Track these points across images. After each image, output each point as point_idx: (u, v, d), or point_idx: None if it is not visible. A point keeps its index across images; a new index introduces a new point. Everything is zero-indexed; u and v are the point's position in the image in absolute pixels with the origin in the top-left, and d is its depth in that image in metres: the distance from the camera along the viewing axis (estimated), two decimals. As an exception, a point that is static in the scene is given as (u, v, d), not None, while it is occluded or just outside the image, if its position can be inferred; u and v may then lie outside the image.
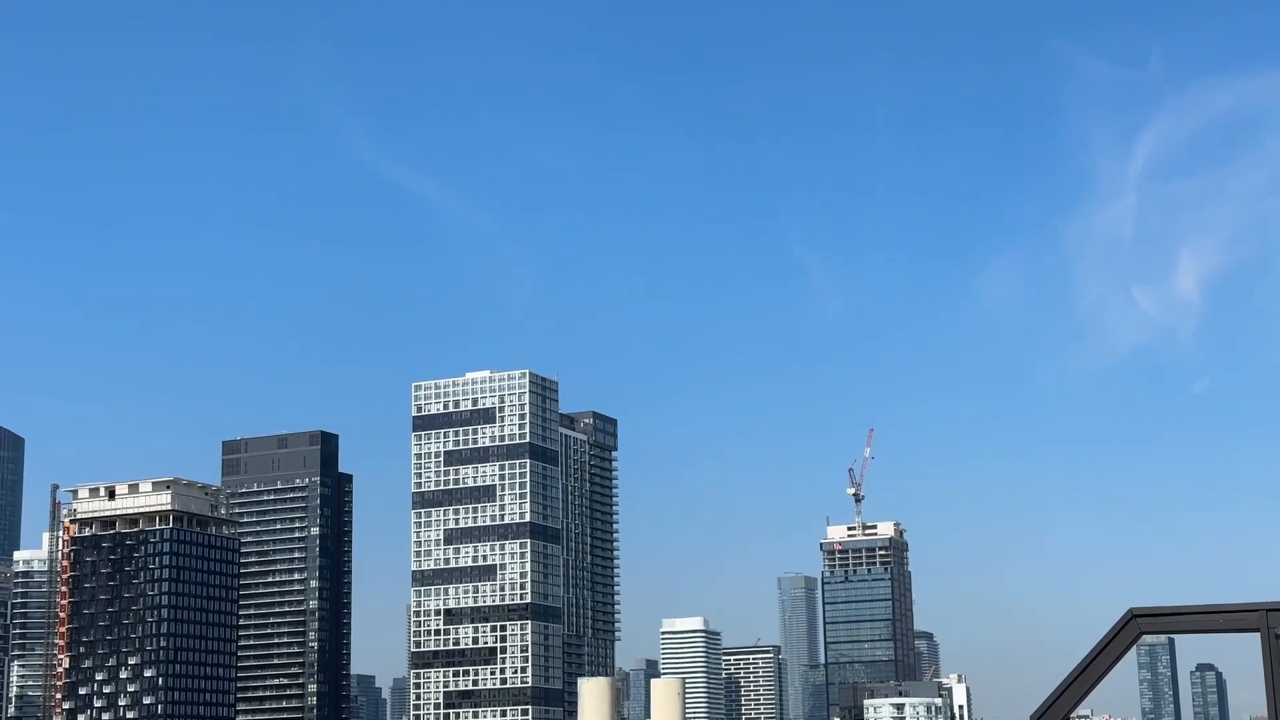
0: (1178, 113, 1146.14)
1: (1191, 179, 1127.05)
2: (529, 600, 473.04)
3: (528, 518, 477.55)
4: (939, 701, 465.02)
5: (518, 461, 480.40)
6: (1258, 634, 14.27)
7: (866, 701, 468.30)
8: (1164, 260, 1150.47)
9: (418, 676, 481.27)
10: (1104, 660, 14.68)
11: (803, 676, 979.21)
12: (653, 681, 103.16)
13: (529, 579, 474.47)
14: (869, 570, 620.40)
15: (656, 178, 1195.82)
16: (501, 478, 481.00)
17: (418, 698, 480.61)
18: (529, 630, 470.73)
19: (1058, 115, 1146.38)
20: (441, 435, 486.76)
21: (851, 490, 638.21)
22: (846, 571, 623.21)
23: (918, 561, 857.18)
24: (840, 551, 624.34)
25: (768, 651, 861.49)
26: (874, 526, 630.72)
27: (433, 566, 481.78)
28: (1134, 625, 14.55)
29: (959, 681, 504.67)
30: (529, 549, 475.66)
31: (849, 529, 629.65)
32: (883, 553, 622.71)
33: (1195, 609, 14.55)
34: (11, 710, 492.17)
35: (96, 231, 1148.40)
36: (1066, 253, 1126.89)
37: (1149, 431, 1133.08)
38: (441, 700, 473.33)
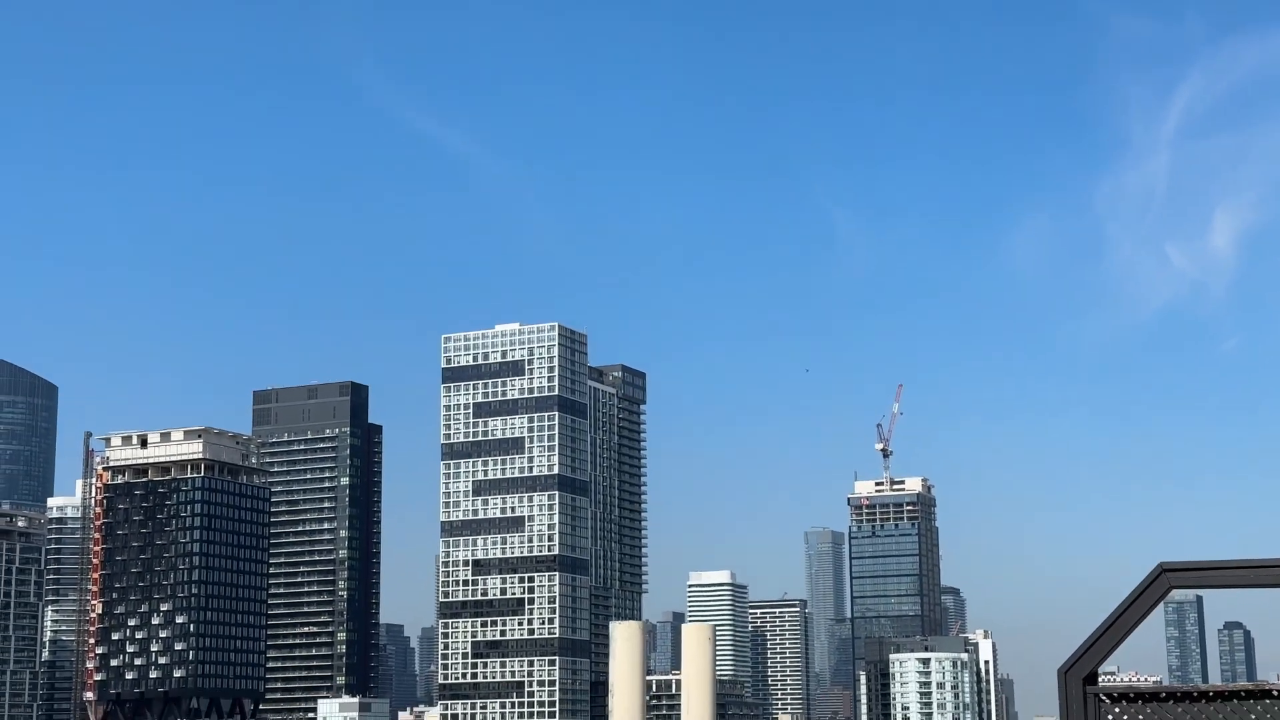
0: (1214, 69, 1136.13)
1: (1227, 135, 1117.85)
2: (557, 552, 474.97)
3: (556, 470, 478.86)
4: (964, 656, 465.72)
5: (546, 414, 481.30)
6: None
7: (892, 656, 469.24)
8: (1198, 217, 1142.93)
9: (446, 626, 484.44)
10: (1133, 614, 14.85)
11: (829, 630, 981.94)
12: (683, 626, 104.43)
13: (557, 531, 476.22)
14: (896, 525, 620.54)
15: (689, 136, 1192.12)
16: (530, 430, 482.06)
17: (446, 647, 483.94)
18: (556, 581, 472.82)
19: (1091, 72, 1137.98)
20: (470, 387, 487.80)
21: (880, 445, 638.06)
22: (874, 526, 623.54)
23: (945, 517, 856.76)
24: (868, 506, 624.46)
25: (794, 605, 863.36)
26: (902, 482, 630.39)
27: (461, 518, 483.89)
28: (1163, 580, 14.70)
29: (985, 637, 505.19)
30: (557, 501, 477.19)
31: (877, 484, 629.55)
32: (910, 508, 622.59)
33: (1225, 564, 14.67)
34: (46, 654, 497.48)
35: (130, 187, 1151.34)
36: (1098, 211, 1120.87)
37: (1178, 390, 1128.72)
38: (469, 650, 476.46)
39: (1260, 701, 14.22)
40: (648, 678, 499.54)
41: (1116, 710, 14.61)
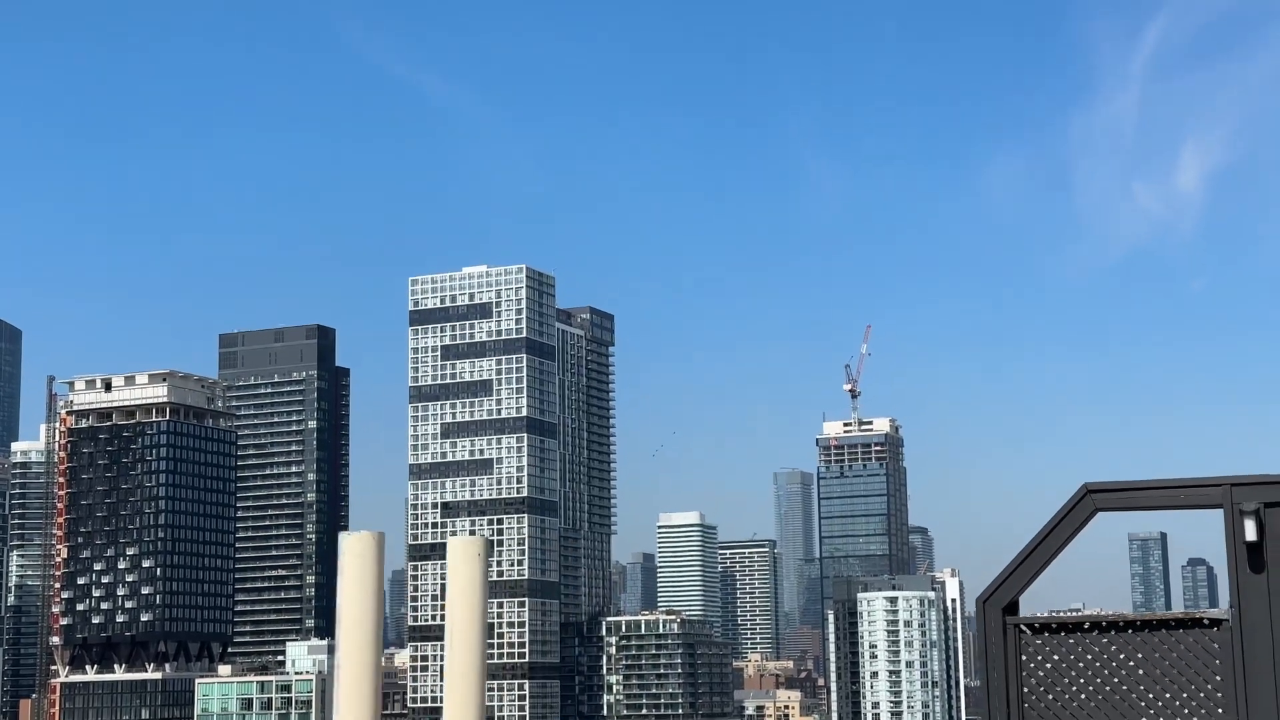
0: (1184, 5, 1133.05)
1: (1196, 73, 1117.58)
2: (525, 494, 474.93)
3: (524, 412, 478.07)
4: (932, 595, 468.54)
5: (514, 356, 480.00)
6: (1220, 510, 13.36)
7: (860, 595, 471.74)
8: (1166, 156, 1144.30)
9: (415, 569, 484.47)
10: (1057, 538, 13.85)
11: (798, 570, 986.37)
12: (449, 540, 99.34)
13: (525, 473, 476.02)
14: (864, 466, 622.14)
15: (659, 76, 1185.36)
16: (498, 372, 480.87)
17: (415, 589, 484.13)
18: (525, 524, 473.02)
19: (1062, 8, 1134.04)
20: (438, 330, 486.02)
21: (848, 386, 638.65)
22: (842, 467, 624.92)
23: (913, 457, 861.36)
24: (836, 447, 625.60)
25: (763, 546, 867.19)
26: (870, 422, 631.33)
27: (430, 460, 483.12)
28: (1088, 501, 13.70)
29: (952, 575, 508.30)
30: (525, 443, 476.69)
31: (845, 425, 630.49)
32: (878, 448, 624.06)
33: (1152, 484, 13.64)
34: (11, 599, 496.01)
35: (96, 129, 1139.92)
36: (1069, 148, 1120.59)
37: (1147, 330, 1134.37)
38: (439, 592, 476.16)
39: (1191, 631, 13.23)
40: (615, 618, 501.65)
41: (1038, 642, 13.59)
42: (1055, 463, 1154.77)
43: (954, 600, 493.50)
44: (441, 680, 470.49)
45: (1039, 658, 13.61)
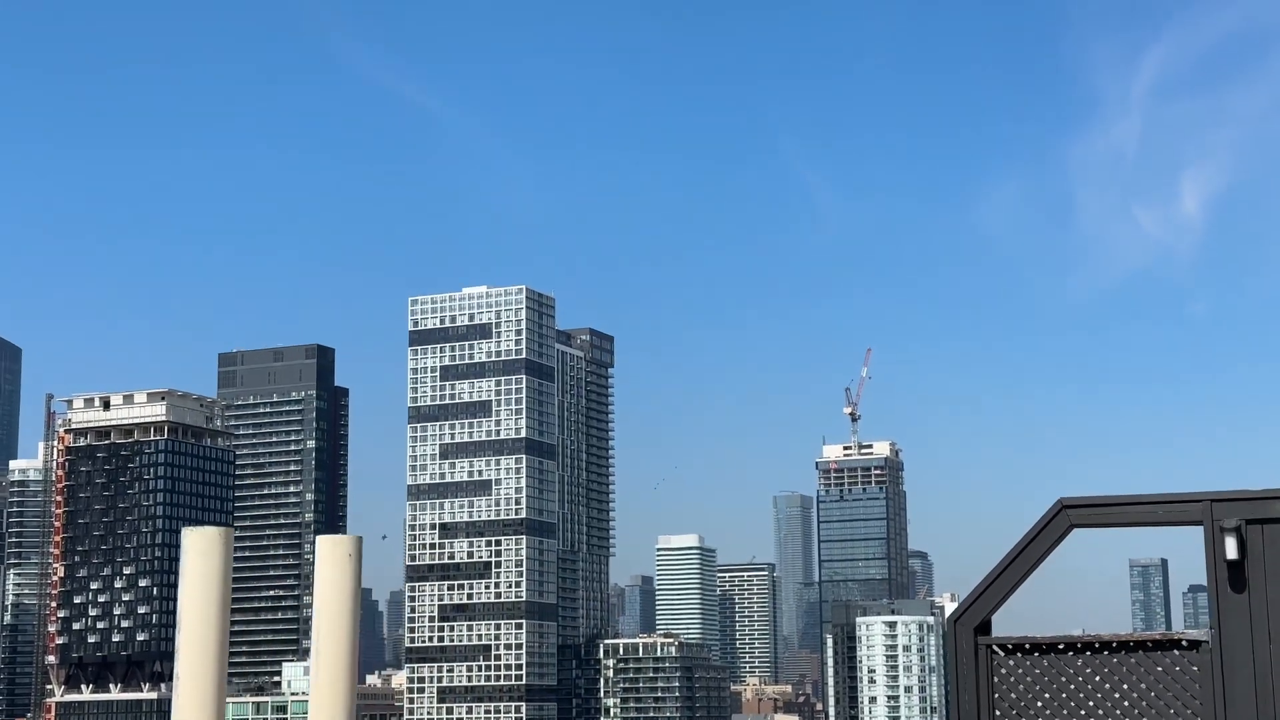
0: (1184, 31, 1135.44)
1: (1197, 99, 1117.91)
2: (524, 515, 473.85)
3: (523, 433, 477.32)
4: (931, 620, 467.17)
5: (514, 377, 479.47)
6: (1200, 527, 12.90)
7: (859, 619, 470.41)
8: (1167, 181, 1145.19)
9: (413, 590, 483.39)
10: (1031, 555, 13.34)
11: (797, 594, 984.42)
12: (318, 538, 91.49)
13: (524, 494, 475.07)
14: (864, 489, 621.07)
15: (661, 100, 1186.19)
16: (497, 393, 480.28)
17: (413, 610, 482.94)
18: (524, 545, 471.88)
19: (1063, 33, 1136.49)
20: (438, 350, 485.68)
21: (848, 410, 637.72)
22: (842, 490, 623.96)
23: (913, 481, 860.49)
24: (836, 471, 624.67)
25: (762, 569, 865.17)
26: (870, 446, 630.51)
27: (429, 481, 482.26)
28: (1064, 517, 13.20)
29: (952, 600, 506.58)
30: (524, 464, 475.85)
31: (845, 448, 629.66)
32: (878, 472, 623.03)
33: (1131, 499, 13.16)
34: (7, 618, 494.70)
35: (97, 147, 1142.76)
36: (1069, 174, 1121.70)
37: (1147, 354, 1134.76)
38: (437, 613, 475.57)
39: (1169, 653, 12.73)
40: (613, 641, 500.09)
41: (1010, 663, 13.08)
42: (1057, 487, 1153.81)
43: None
44: (439, 702, 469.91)
45: (1011, 679, 13.10)
